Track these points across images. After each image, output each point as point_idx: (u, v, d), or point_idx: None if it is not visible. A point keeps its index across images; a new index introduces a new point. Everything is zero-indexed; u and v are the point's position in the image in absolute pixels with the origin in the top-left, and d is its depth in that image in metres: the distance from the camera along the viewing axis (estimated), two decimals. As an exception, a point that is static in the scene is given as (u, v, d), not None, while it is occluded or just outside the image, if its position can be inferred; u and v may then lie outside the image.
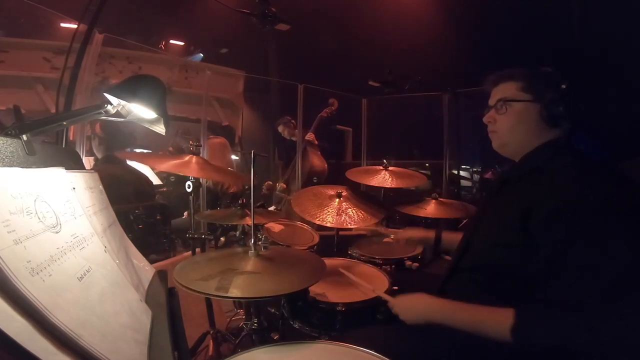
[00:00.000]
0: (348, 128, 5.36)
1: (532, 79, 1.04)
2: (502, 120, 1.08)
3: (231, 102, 5.67)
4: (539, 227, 0.89)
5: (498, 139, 1.11)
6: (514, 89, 1.06)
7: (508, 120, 1.06)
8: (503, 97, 1.07)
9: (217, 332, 1.64)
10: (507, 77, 1.08)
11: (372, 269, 1.56)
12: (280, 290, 0.92)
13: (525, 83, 1.04)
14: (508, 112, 1.06)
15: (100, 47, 2.74)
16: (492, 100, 1.12)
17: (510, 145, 1.09)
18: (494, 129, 1.11)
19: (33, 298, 0.40)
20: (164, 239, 2.27)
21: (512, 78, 1.07)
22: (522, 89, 1.04)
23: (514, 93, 1.05)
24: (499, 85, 1.10)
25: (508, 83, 1.08)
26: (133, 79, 0.87)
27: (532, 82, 1.04)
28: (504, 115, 1.07)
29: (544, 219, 0.89)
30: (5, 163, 0.56)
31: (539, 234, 0.89)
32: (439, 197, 2.06)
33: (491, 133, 1.13)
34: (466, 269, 1.11)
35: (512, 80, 1.07)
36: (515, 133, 1.06)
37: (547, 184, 0.93)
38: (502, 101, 1.06)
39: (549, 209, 0.88)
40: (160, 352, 0.63)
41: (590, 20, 3.77)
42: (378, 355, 0.84)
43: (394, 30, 5.11)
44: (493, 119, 1.10)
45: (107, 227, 0.75)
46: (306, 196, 1.86)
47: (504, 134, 1.08)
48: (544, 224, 0.88)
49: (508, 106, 1.05)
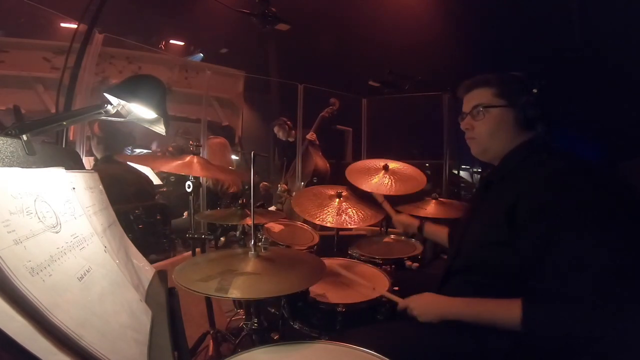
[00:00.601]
0: (348, 128, 5.36)
1: (506, 85, 1.07)
2: (480, 126, 1.10)
3: (231, 102, 5.68)
4: (523, 222, 0.92)
5: (478, 146, 1.13)
6: (489, 94, 1.08)
7: (486, 126, 1.08)
8: (479, 103, 1.09)
9: (217, 332, 1.64)
10: (481, 84, 1.10)
11: (372, 269, 1.56)
12: (280, 290, 0.92)
13: (500, 89, 1.07)
14: (485, 118, 1.08)
15: (100, 47, 2.74)
16: (466, 107, 1.14)
17: (490, 151, 1.12)
18: (472, 135, 1.13)
19: (33, 298, 0.40)
20: (164, 239, 2.27)
21: (487, 84, 1.09)
22: (496, 94, 1.07)
23: (489, 99, 1.08)
24: (471, 92, 1.13)
25: (482, 89, 1.10)
26: (133, 79, 0.87)
27: (506, 88, 1.06)
28: (481, 122, 1.09)
29: (527, 214, 0.92)
30: (5, 163, 0.56)
31: (523, 229, 0.92)
32: (439, 197, 2.06)
33: (470, 140, 1.15)
34: (460, 271, 1.13)
35: (486, 86, 1.09)
36: (494, 138, 1.08)
37: (528, 180, 0.97)
38: (478, 107, 1.08)
39: (530, 204, 0.92)
40: (160, 352, 0.63)
41: (590, 20, 3.77)
42: (378, 355, 0.84)
43: (394, 30, 5.11)
44: (471, 125, 1.12)
45: (107, 227, 0.75)
46: (306, 196, 1.85)
47: (483, 140, 1.11)
48: (528, 219, 0.91)
49: (485, 112, 1.07)
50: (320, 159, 4.01)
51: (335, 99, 4.11)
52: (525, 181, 0.97)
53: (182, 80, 5.05)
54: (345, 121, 5.16)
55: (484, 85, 1.10)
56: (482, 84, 1.10)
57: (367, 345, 0.88)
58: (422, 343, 1.00)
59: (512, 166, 1.06)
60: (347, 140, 5.42)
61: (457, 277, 1.14)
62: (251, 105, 6.16)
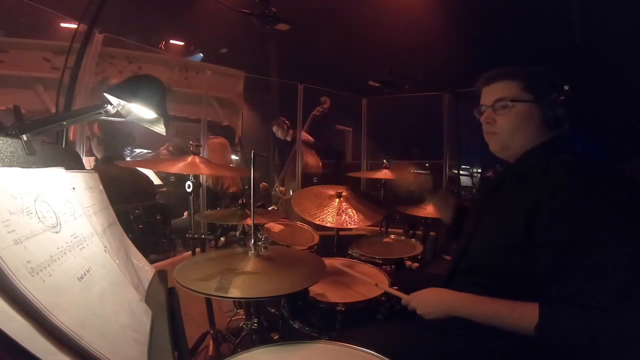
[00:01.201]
0: (348, 128, 5.37)
1: (534, 79, 1.01)
2: (502, 121, 1.03)
3: (231, 102, 5.67)
4: (543, 226, 0.88)
5: (499, 141, 1.06)
6: (516, 88, 1.01)
7: (510, 121, 1.01)
8: (503, 96, 1.02)
9: (217, 332, 1.64)
10: (508, 76, 1.04)
11: (372, 269, 1.56)
12: (280, 290, 0.92)
13: (527, 83, 1.01)
14: (510, 113, 1.01)
15: (100, 47, 2.74)
16: (487, 99, 1.06)
17: (511, 148, 1.05)
18: (493, 129, 1.05)
19: (33, 298, 0.40)
20: (164, 239, 2.28)
21: (514, 77, 1.02)
22: (524, 88, 1.00)
23: (516, 93, 1.01)
24: (494, 84, 1.05)
25: (507, 82, 1.03)
26: (133, 79, 0.87)
27: (534, 82, 1.00)
28: (504, 116, 1.02)
29: (550, 218, 0.87)
30: (5, 163, 0.56)
31: (543, 233, 0.88)
32: (439, 197, 2.06)
33: (489, 135, 1.08)
34: (466, 270, 1.11)
35: (513, 79, 1.02)
36: (517, 134, 1.02)
37: (551, 183, 0.92)
38: (502, 101, 1.02)
39: (553, 208, 0.87)
40: (160, 352, 0.63)
41: (590, 20, 3.77)
42: (378, 355, 0.84)
43: (394, 30, 5.11)
44: (492, 119, 1.05)
45: (107, 227, 0.75)
46: (306, 196, 1.86)
47: (505, 136, 1.04)
48: (551, 223, 0.87)
49: (510, 107, 1.01)
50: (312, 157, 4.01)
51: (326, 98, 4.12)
52: (548, 184, 0.91)
53: (182, 80, 5.04)
54: (345, 121, 5.17)
55: (510, 77, 1.02)
56: (508, 76, 1.03)
57: (367, 345, 0.88)
58: (422, 343, 1.00)
59: (531, 165, 1.00)
60: (347, 140, 5.43)
61: (462, 276, 1.11)
62: (251, 105, 6.16)
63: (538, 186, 0.93)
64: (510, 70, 1.04)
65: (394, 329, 1.10)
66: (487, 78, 1.08)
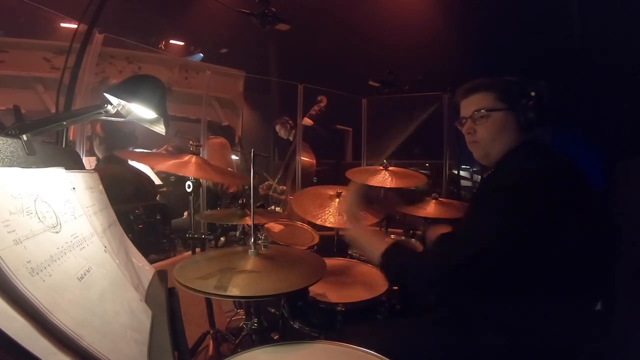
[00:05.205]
0: (348, 128, 5.36)
1: (507, 89, 1.09)
2: (482, 130, 1.11)
3: (231, 102, 5.66)
4: None
5: (481, 150, 1.14)
6: (491, 98, 1.09)
7: (489, 130, 1.10)
8: (480, 107, 1.10)
9: (217, 332, 1.64)
10: (482, 88, 1.12)
11: (372, 269, 1.56)
12: (280, 289, 0.92)
13: (501, 93, 1.08)
14: (488, 122, 1.09)
15: (100, 47, 2.73)
16: (466, 111, 1.15)
17: (492, 154, 1.13)
18: (475, 139, 1.13)
19: (33, 298, 0.40)
20: (164, 239, 2.27)
21: (487, 89, 1.10)
22: (498, 98, 1.08)
23: (491, 103, 1.09)
24: (471, 97, 1.14)
25: (482, 94, 1.11)
26: (133, 79, 0.87)
27: (507, 92, 1.08)
28: (483, 126, 1.10)
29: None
30: (5, 163, 0.56)
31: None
32: (439, 197, 2.06)
33: (472, 144, 1.16)
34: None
35: (487, 90, 1.10)
36: (496, 141, 1.10)
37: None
38: (480, 111, 1.09)
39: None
40: (160, 352, 0.63)
41: (590, 20, 3.77)
42: (378, 355, 0.85)
43: (394, 30, 5.11)
44: (473, 129, 1.13)
45: (107, 227, 0.75)
46: (306, 196, 1.85)
47: (486, 144, 1.12)
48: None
49: (488, 116, 1.09)
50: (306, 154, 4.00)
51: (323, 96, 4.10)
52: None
53: (182, 80, 5.03)
54: (345, 121, 5.16)
55: (484, 89, 1.11)
56: (482, 88, 1.12)
57: (367, 345, 0.88)
58: (421, 342, 1.01)
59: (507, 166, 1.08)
60: (347, 140, 5.42)
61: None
62: (251, 105, 6.15)
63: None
64: (484, 82, 1.13)
65: (393, 329, 1.11)
66: (464, 91, 1.16)
